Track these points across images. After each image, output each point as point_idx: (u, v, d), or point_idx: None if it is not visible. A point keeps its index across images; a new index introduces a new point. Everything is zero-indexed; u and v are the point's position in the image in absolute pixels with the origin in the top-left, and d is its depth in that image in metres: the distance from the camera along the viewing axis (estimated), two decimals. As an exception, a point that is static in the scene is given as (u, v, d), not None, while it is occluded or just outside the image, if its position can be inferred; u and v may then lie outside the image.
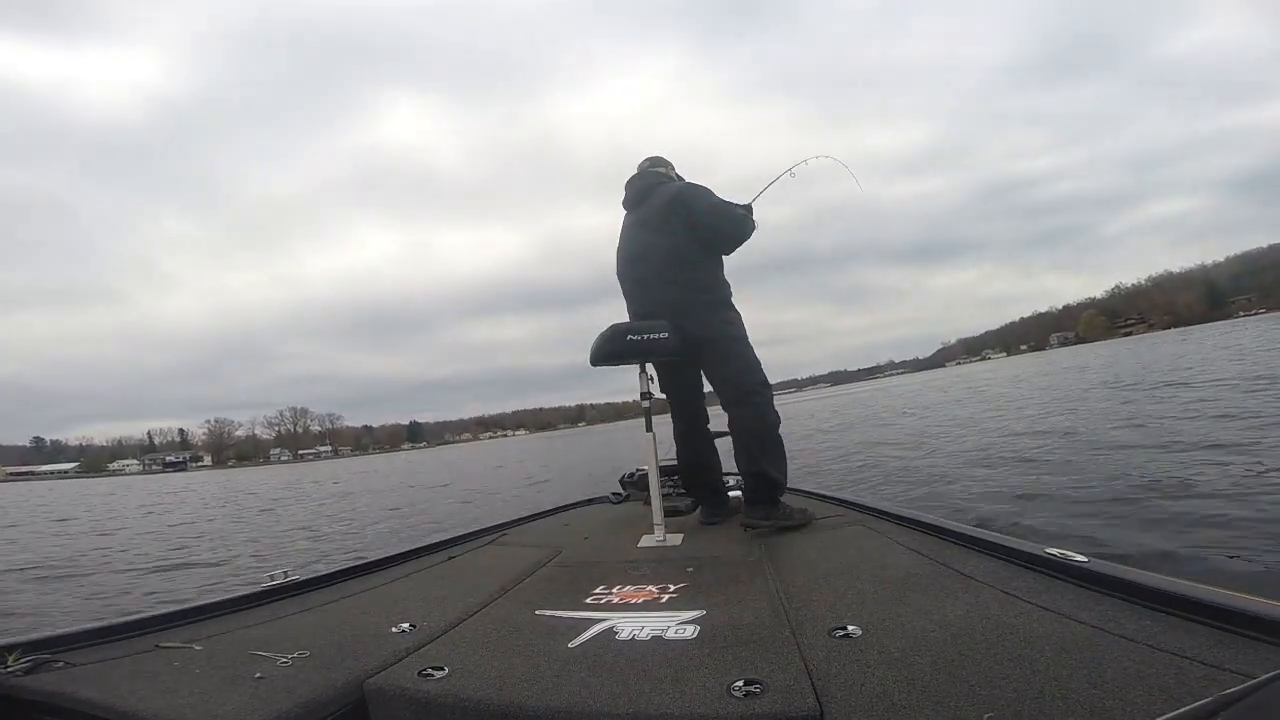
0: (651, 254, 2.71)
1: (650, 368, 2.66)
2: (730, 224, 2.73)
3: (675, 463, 3.03)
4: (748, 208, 2.85)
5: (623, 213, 2.98)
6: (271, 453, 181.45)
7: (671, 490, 3.31)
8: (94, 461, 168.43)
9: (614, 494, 3.85)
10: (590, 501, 3.93)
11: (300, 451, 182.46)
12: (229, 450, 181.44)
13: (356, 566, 2.28)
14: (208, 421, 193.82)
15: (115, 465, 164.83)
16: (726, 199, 2.76)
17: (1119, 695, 0.91)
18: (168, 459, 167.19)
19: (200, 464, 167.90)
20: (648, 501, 2.64)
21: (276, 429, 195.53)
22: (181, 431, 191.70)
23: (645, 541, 2.43)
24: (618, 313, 2.83)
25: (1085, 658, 1.04)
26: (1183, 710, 0.58)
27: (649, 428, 2.59)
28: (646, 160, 3.01)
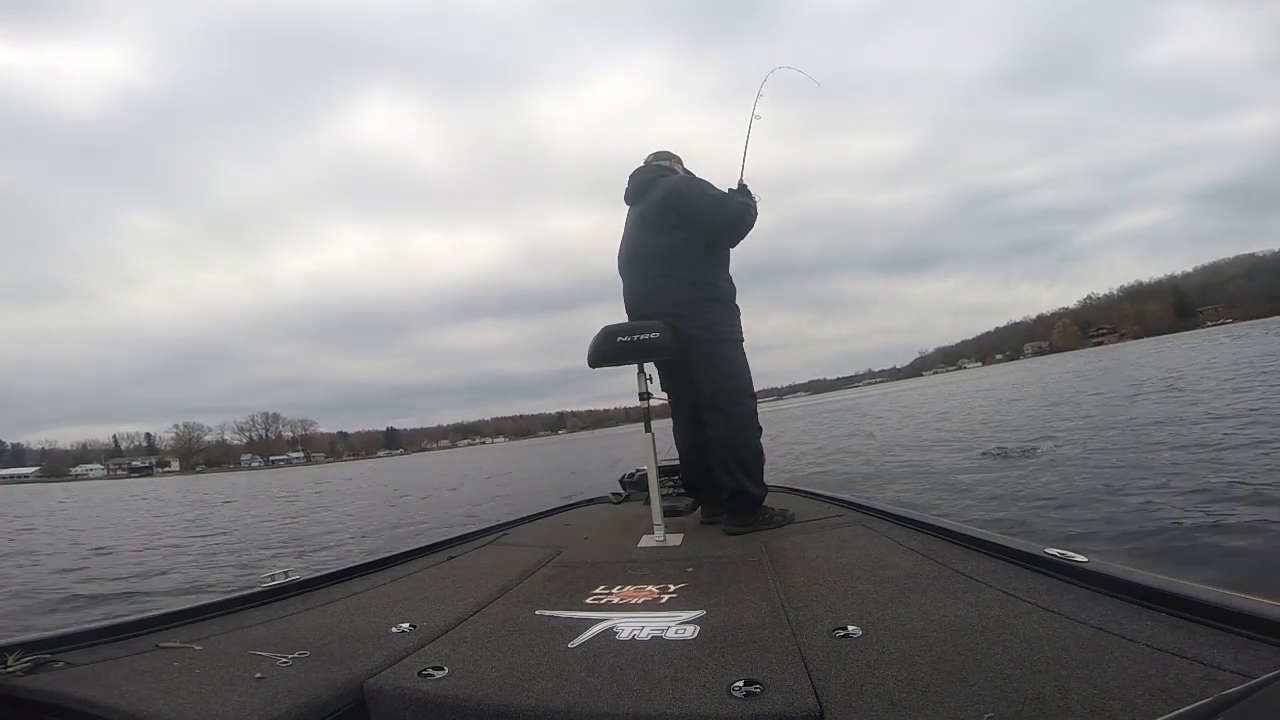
0: (649, 250, 2.66)
1: (650, 367, 2.64)
2: (728, 216, 2.61)
3: (675, 463, 3.02)
4: (743, 190, 2.76)
5: (625, 209, 2.92)
6: (242, 459, 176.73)
7: (671, 490, 3.30)
8: (55, 466, 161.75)
9: (614, 494, 3.82)
10: (590, 502, 3.90)
11: (272, 458, 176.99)
12: (198, 456, 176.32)
13: (356, 566, 2.27)
14: (176, 426, 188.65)
15: (78, 470, 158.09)
16: (725, 189, 2.71)
17: (1119, 695, 0.91)
18: (133, 464, 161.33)
19: (167, 469, 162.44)
20: (648, 502, 2.63)
21: (247, 434, 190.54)
22: (149, 436, 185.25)
23: (645, 542, 2.43)
24: (600, 316, 2.80)
25: (1085, 658, 1.04)
26: (1183, 710, 0.58)
27: (648, 428, 2.57)
28: (652, 154, 2.92)
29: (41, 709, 1.18)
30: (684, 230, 2.60)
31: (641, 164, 2.91)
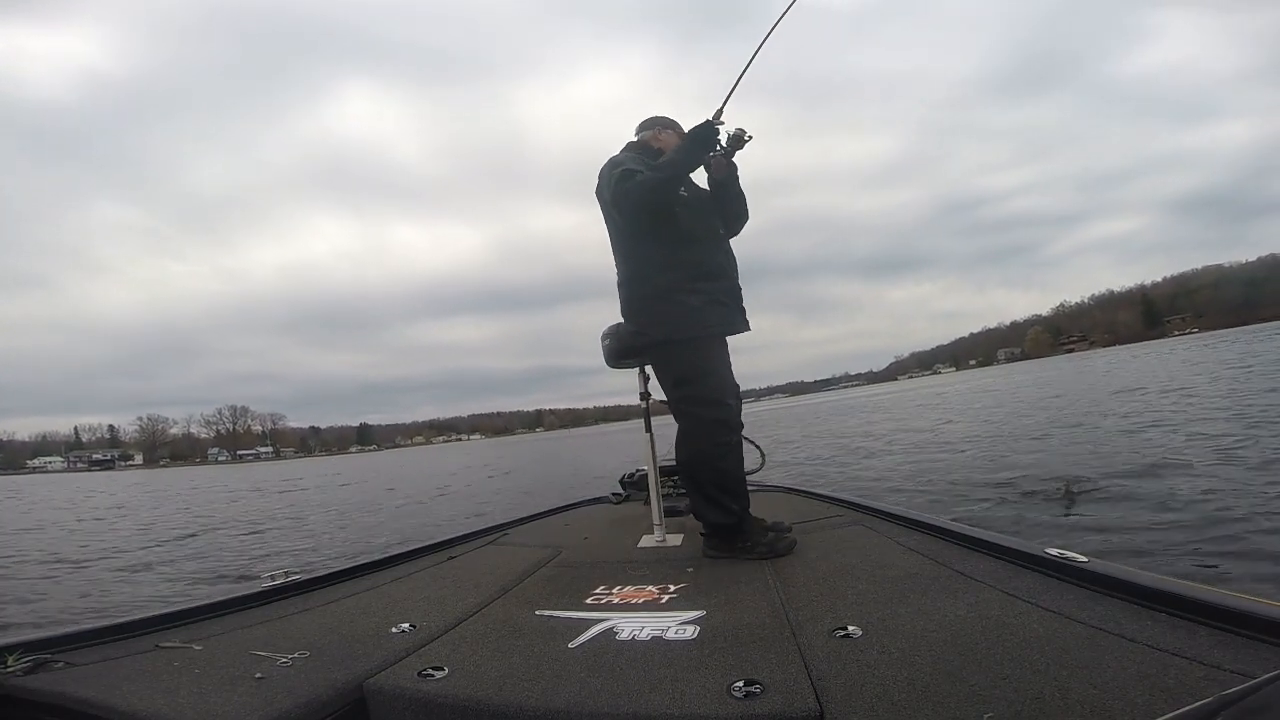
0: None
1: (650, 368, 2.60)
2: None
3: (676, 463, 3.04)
4: (695, 132, 2.17)
5: None
6: (209, 452, 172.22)
7: (671, 490, 3.26)
8: (13, 458, 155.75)
9: (614, 494, 3.78)
10: (590, 501, 3.87)
11: (239, 452, 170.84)
12: (162, 449, 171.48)
13: (356, 566, 2.26)
14: (140, 418, 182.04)
15: (37, 462, 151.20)
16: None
17: (1119, 695, 0.91)
18: (94, 457, 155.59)
19: (130, 463, 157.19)
20: (648, 501, 2.62)
21: (215, 428, 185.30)
22: (112, 428, 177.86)
23: (645, 542, 2.41)
24: (580, 314, 3.13)
25: (1085, 658, 1.04)
26: (1183, 710, 0.59)
27: (648, 428, 2.55)
28: (640, 124, 2.52)
29: (41, 709, 1.18)
30: (610, 221, 2.31)
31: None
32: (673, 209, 2.20)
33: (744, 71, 2.22)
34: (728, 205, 2.42)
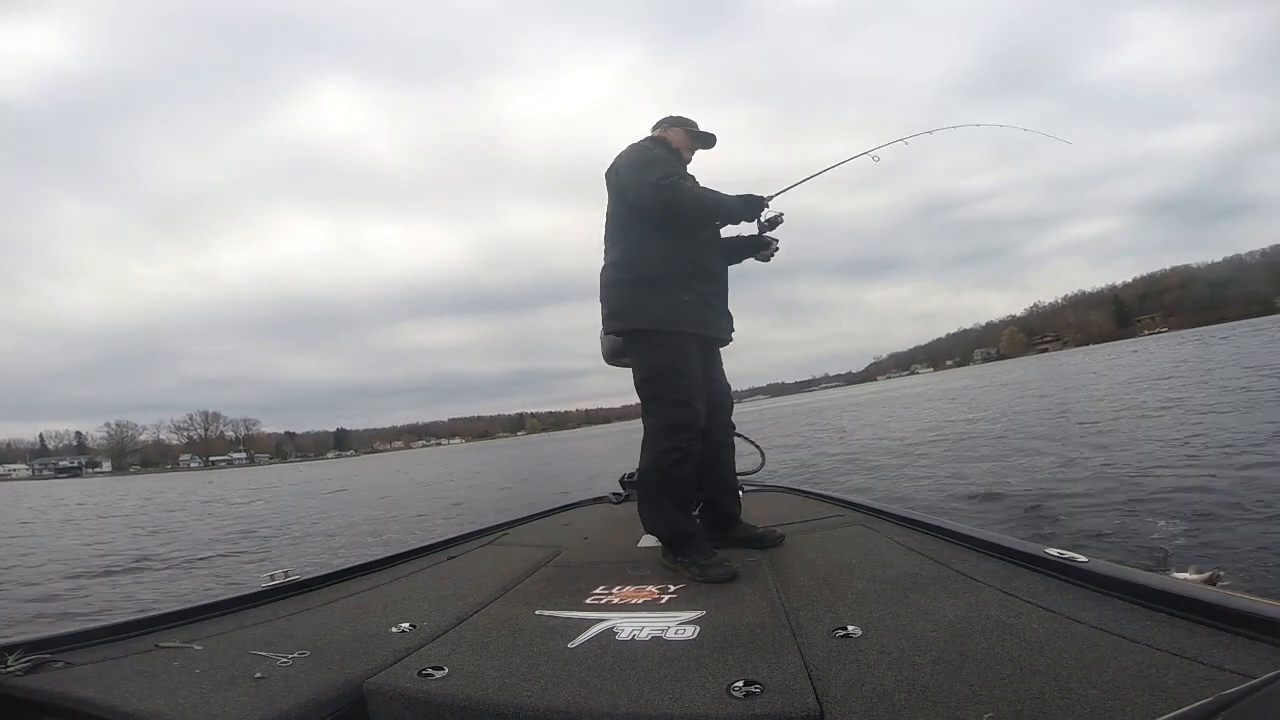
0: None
1: None
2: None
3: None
4: (749, 199, 2.31)
5: (602, 207, 2.64)
6: (181, 459, 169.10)
7: None
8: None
9: (614, 494, 3.76)
10: (590, 501, 3.87)
11: (212, 458, 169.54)
12: (132, 456, 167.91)
13: (356, 566, 2.26)
14: (108, 424, 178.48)
15: (0, 470, 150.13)
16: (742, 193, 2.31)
17: (1119, 695, 0.91)
18: (61, 464, 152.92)
19: (98, 470, 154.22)
20: None
21: (186, 434, 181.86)
22: (79, 435, 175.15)
23: (645, 541, 2.39)
24: (560, 318, 2.65)
25: (1085, 658, 1.04)
26: (1183, 710, 0.59)
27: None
28: (654, 124, 2.48)
29: (41, 709, 1.18)
30: (615, 203, 2.26)
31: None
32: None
33: (811, 177, 2.48)
34: (737, 259, 2.51)
